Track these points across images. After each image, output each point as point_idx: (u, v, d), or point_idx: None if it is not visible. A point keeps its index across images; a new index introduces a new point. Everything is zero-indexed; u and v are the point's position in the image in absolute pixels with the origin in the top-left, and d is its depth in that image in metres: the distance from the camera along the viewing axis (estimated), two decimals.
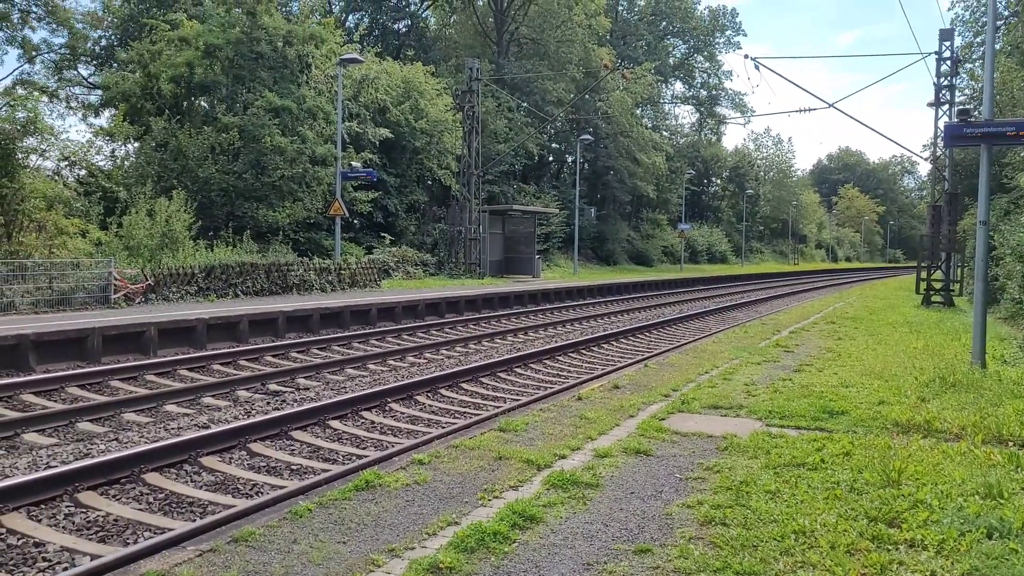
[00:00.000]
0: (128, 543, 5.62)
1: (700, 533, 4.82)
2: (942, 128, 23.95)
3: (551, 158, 63.55)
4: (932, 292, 27.31)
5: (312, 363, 13.59)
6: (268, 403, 10.68)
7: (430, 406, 10.68)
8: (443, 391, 11.49)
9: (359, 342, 16.92)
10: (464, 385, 11.98)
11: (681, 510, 5.23)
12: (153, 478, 7.04)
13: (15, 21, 32.96)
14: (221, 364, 13.56)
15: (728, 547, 4.56)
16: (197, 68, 29.36)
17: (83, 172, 28.07)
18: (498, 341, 17.91)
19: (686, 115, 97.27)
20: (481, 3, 57.18)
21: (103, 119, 38.35)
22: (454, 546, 4.51)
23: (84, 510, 6.26)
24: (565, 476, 5.80)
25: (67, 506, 6.32)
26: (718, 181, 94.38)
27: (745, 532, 4.78)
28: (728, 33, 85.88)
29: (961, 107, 12.73)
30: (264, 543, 4.57)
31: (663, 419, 7.96)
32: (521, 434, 7.26)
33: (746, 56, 24.51)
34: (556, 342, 17.13)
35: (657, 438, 7.17)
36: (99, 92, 38.14)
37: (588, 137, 50.75)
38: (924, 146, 68.51)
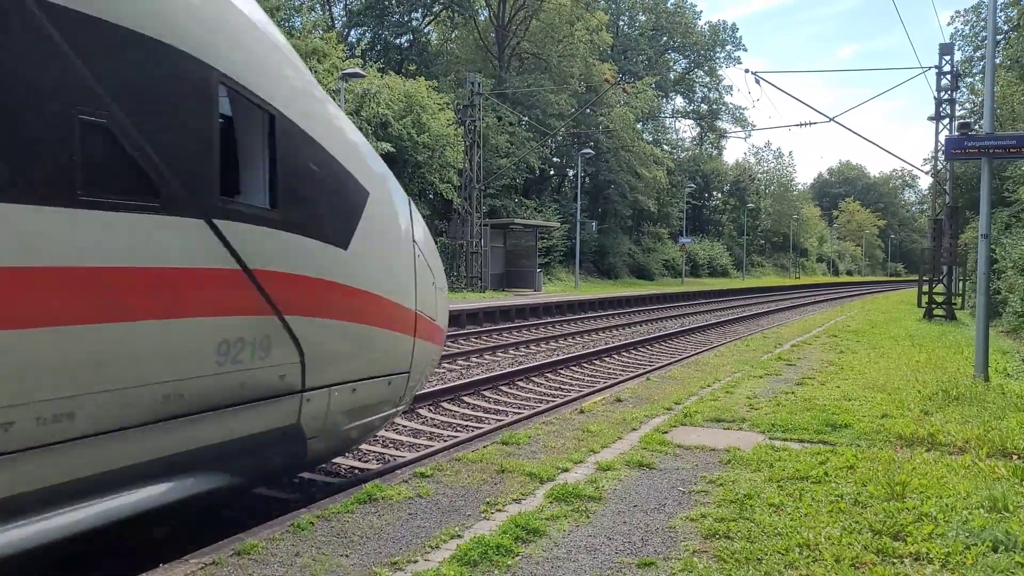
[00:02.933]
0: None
1: (704, 546, 4.80)
2: (943, 142, 24.00)
3: (552, 172, 63.76)
4: (934, 305, 27.28)
5: None
6: None
7: (432, 419, 10.67)
8: (445, 404, 11.47)
9: None
10: (466, 398, 11.96)
11: (685, 523, 5.21)
12: None
13: None
14: None
15: (732, 560, 4.54)
16: None
17: None
18: (500, 354, 17.90)
19: (687, 129, 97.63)
20: (483, 18, 57.53)
21: None
22: (457, 559, 4.49)
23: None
24: (568, 489, 5.78)
25: None
26: (719, 195, 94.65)
27: (749, 545, 4.76)
28: (728, 48, 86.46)
29: (962, 121, 12.78)
30: (266, 556, 4.55)
31: (666, 432, 7.94)
32: (524, 447, 7.25)
33: (746, 70, 24.68)
34: (558, 355, 17.12)
35: (660, 451, 7.15)
36: None
37: (589, 151, 50.90)
38: (925, 160, 68.64)
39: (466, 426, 10.36)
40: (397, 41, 56.21)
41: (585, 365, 16.10)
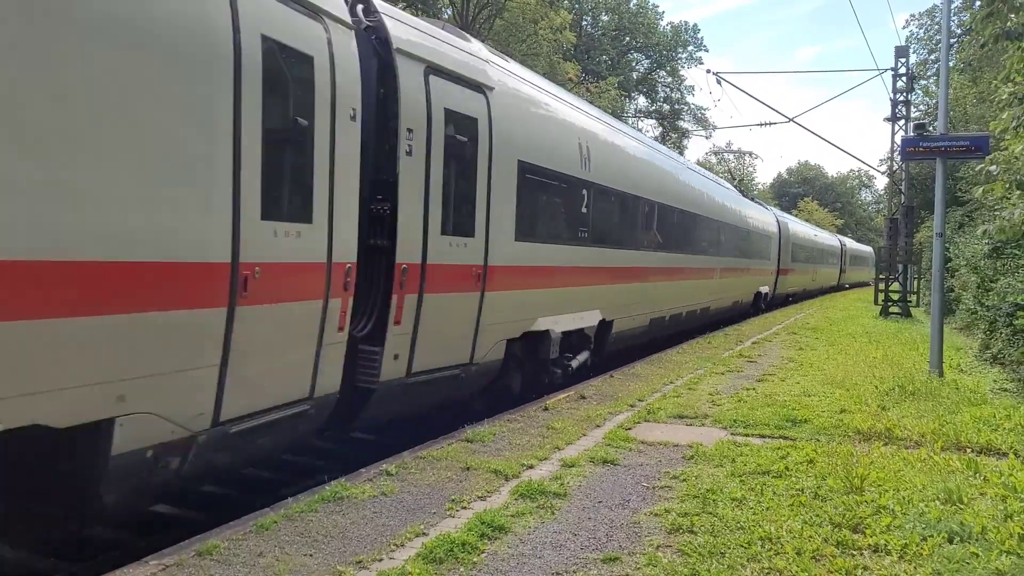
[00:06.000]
0: None
1: (668, 541, 4.84)
2: (899, 142, 24.48)
3: None
4: (890, 303, 27.80)
5: None
6: None
7: None
8: None
9: None
10: None
11: (649, 518, 5.25)
12: None
13: None
14: None
15: (696, 554, 4.59)
16: None
17: None
18: None
19: (649, 129, 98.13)
20: (446, 17, 57.31)
21: None
22: (422, 557, 4.48)
23: None
24: (533, 486, 5.79)
25: None
26: None
27: (712, 539, 4.81)
28: (690, 48, 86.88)
29: (917, 122, 13.05)
30: (229, 556, 4.49)
31: (629, 429, 7.99)
32: (488, 444, 7.24)
33: (708, 71, 25.00)
34: None
35: (624, 447, 7.20)
36: None
37: None
38: (881, 160, 69.79)
39: None
40: None
41: None
